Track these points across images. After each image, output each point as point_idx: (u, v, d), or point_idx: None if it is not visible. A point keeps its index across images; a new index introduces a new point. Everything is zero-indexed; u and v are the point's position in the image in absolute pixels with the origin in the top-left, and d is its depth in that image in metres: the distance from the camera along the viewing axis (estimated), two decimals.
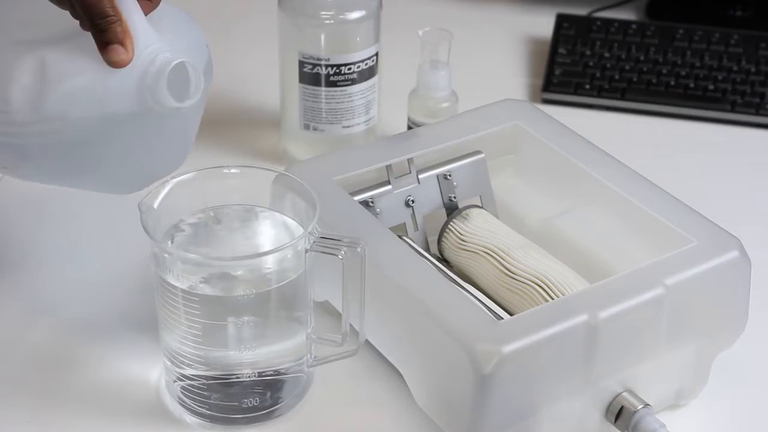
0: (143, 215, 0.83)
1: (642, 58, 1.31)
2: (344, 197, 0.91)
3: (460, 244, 0.94)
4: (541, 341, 0.78)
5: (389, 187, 0.95)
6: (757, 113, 1.25)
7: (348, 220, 0.89)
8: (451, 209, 0.98)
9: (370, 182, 0.95)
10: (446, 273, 0.91)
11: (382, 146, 0.99)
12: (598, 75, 1.28)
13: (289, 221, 0.88)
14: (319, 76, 1.09)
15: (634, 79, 1.28)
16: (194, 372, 0.85)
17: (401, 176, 0.96)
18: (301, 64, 1.09)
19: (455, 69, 1.13)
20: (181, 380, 0.86)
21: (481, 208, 0.97)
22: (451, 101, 1.13)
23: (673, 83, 1.28)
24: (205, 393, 0.86)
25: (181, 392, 0.87)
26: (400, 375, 0.86)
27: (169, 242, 0.86)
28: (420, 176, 0.97)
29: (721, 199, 1.12)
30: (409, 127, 1.14)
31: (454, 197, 0.98)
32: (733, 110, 1.25)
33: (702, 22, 1.36)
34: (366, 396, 0.90)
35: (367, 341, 0.89)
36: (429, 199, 0.97)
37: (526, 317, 0.80)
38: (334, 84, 1.09)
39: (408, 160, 0.96)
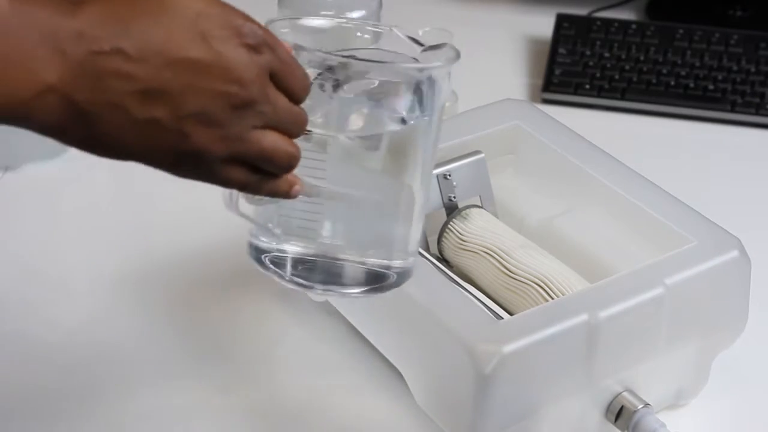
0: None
1: (642, 58, 1.31)
2: None
3: (460, 244, 0.93)
4: (541, 341, 0.78)
5: None
6: (757, 113, 1.25)
7: None
8: (451, 209, 0.97)
9: None
10: (446, 273, 0.91)
11: None
12: (598, 75, 1.28)
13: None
14: None
15: (634, 79, 1.28)
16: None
17: None
18: None
19: (455, 69, 1.13)
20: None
21: (481, 208, 0.97)
22: (451, 101, 1.13)
23: (673, 83, 1.28)
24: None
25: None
26: (401, 375, 0.86)
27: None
28: None
29: (721, 199, 1.12)
30: None
31: (454, 197, 0.98)
32: (733, 110, 1.25)
33: (702, 22, 1.36)
34: (366, 396, 0.90)
35: (367, 341, 0.89)
36: (429, 199, 0.97)
37: (527, 317, 0.80)
38: None
39: None
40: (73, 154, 1.17)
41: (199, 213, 1.09)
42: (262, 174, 0.67)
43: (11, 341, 0.95)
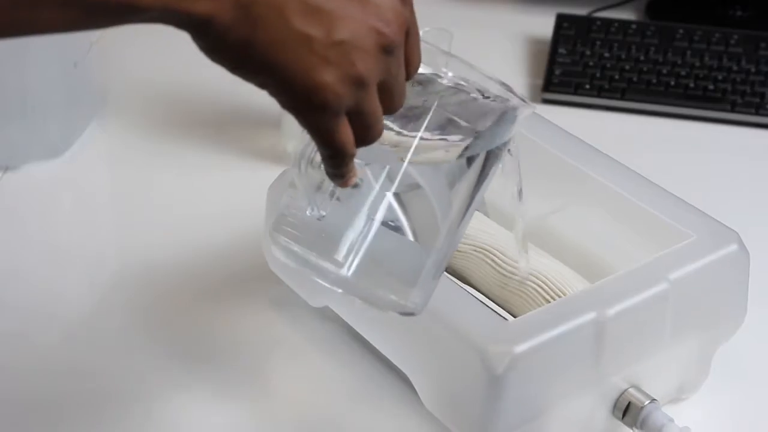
0: None
1: (642, 58, 1.31)
2: None
3: None
4: (551, 340, 0.77)
5: None
6: (757, 113, 1.25)
7: None
8: None
9: None
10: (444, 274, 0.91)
11: None
12: (598, 75, 1.28)
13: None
14: None
15: (634, 79, 1.28)
16: None
17: None
18: None
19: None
20: None
21: None
22: None
23: (673, 83, 1.28)
24: None
25: None
26: (404, 378, 0.85)
27: None
28: None
29: (721, 199, 1.12)
30: None
31: None
32: (733, 110, 1.25)
33: (702, 22, 1.36)
34: (368, 401, 0.90)
35: (365, 346, 0.88)
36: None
37: (535, 317, 0.80)
38: None
39: None
40: (73, 154, 1.18)
41: (199, 215, 1.09)
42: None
43: (9, 341, 0.95)
